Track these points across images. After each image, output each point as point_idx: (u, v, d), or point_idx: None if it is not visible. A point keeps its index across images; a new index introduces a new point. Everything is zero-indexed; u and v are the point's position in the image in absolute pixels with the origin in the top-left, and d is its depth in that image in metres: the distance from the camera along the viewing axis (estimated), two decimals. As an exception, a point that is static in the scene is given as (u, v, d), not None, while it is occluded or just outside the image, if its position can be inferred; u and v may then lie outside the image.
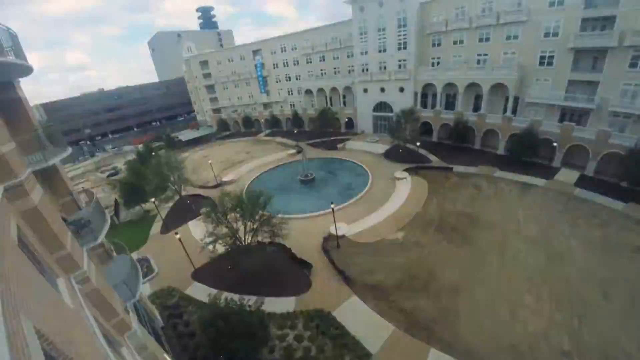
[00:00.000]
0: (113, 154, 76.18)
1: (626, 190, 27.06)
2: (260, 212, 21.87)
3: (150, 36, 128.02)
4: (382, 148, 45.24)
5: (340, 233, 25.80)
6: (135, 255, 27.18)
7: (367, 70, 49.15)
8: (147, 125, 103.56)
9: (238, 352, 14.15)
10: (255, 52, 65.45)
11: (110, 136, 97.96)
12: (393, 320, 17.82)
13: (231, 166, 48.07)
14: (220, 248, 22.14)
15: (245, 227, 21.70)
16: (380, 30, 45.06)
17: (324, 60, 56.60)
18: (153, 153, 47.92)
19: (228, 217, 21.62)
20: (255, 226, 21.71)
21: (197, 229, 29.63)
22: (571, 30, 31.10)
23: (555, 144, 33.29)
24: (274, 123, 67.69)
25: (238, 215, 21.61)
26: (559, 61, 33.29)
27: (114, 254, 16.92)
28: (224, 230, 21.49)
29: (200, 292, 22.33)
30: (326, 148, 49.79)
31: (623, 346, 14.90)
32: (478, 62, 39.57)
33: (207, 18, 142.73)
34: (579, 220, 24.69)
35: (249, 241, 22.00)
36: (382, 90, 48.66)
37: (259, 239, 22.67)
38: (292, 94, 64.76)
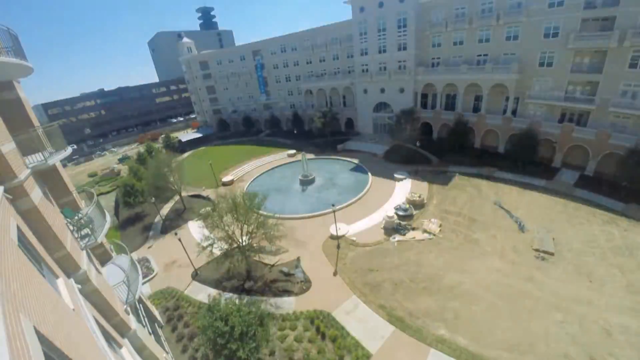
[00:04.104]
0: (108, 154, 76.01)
1: (626, 190, 27.05)
2: (255, 214, 21.83)
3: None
4: (382, 148, 45.24)
5: (340, 233, 25.81)
6: (135, 255, 27.17)
7: (367, 70, 49.14)
8: (147, 125, 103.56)
9: (238, 352, 14.13)
10: (255, 53, 65.41)
11: (110, 136, 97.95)
12: (393, 320, 17.83)
13: (231, 167, 48.05)
14: (219, 250, 22.13)
15: (241, 230, 21.69)
16: (380, 31, 45.05)
17: (324, 60, 56.57)
18: (153, 153, 47.89)
19: (224, 220, 21.57)
20: (250, 229, 21.70)
21: (197, 229, 29.61)
22: (571, 31, 31.10)
23: (555, 144, 33.29)
24: (274, 123, 67.68)
25: (233, 218, 21.60)
26: (558, 61, 33.28)
27: (114, 254, 16.90)
28: (220, 234, 21.45)
29: (200, 292, 22.35)
30: (326, 148, 49.81)
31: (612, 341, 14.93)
32: (478, 62, 39.55)
33: (207, 18, 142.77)
34: (579, 221, 24.68)
35: (245, 243, 21.96)
36: (382, 90, 48.65)
37: (256, 241, 22.59)
38: (292, 94, 64.74)
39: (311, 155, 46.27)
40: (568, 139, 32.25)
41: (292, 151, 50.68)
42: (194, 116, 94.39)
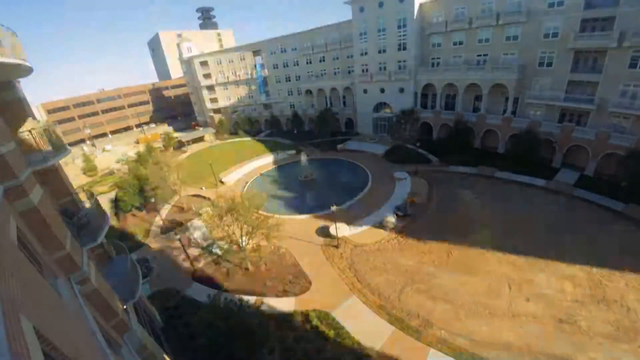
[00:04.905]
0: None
1: (626, 190, 27.05)
2: (255, 214, 21.81)
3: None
4: (382, 148, 45.24)
5: (340, 234, 25.79)
6: (135, 256, 27.14)
7: (367, 70, 49.14)
8: (147, 125, 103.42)
9: (237, 352, 14.14)
10: (255, 53, 65.40)
11: (110, 136, 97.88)
12: (393, 320, 17.83)
13: (231, 167, 48.03)
14: (219, 249, 22.14)
15: (241, 230, 21.67)
16: (380, 31, 45.06)
17: (324, 60, 56.57)
18: (152, 154, 47.87)
19: (224, 220, 21.55)
20: (250, 229, 21.68)
21: (197, 229, 29.62)
22: (571, 31, 31.10)
23: (555, 144, 33.29)
24: (274, 123, 67.68)
25: (233, 218, 21.58)
26: (558, 62, 33.28)
27: (114, 254, 16.90)
28: (220, 234, 21.42)
29: (200, 292, 22.31)
30: (326, 148, 49.81)
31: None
32: (478, 62, 39.54)
33: (207, 18, 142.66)
34: (579, 221, 24.67)
35: (245, 243, 21.95)
36: (382, 90, 48.65)
37: (256, 241, 22.58)
38: (292, 94, 64.74)
39: (311, 155, 46.29)
40: (568, 139, 32.26)
41: (292, 151, 50.65)
42: (194, 115, 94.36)
